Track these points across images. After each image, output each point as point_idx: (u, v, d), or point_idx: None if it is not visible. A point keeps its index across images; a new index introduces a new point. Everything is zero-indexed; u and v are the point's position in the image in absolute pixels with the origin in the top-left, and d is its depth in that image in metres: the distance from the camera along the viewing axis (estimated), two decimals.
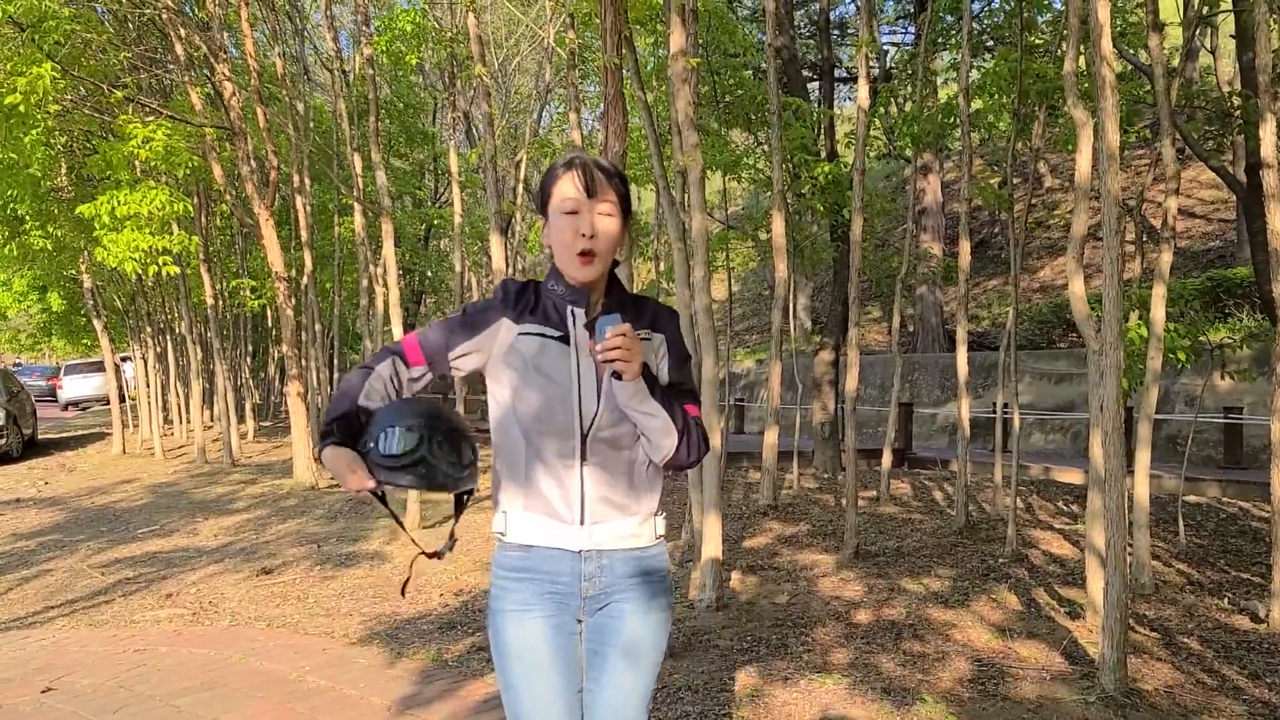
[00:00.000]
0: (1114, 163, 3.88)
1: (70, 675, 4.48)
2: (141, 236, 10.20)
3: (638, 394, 1.78)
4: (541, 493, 1.86)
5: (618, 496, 1.88)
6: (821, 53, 14.06)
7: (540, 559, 1.89)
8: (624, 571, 1.91)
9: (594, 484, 1.86)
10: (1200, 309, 13.38)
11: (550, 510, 1.87)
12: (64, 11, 10.39)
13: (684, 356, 1.97)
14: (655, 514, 1.96)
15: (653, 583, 1.93)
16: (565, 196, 1.83)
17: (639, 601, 1.91)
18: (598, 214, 1.83)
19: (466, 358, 1.90)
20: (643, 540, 1.92)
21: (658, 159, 5.87)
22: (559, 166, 1.87)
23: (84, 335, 22.82)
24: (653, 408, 1.81)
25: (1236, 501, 8.32)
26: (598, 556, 1.89)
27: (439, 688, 4.12)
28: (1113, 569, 3.82)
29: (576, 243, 1.81)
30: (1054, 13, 8.02)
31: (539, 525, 1.88)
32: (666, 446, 1.85)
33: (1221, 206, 18.25)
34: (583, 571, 1.89)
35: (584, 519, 1.86)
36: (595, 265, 1.84)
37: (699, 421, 1.91)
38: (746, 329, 24.49)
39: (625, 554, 1.91)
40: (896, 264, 11.44)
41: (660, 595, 1.95)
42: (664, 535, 1.98)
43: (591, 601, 1.91)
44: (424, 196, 24.54)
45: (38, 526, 9.12)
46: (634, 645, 1.90)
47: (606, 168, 1.87)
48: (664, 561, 1.97)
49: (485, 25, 17.06)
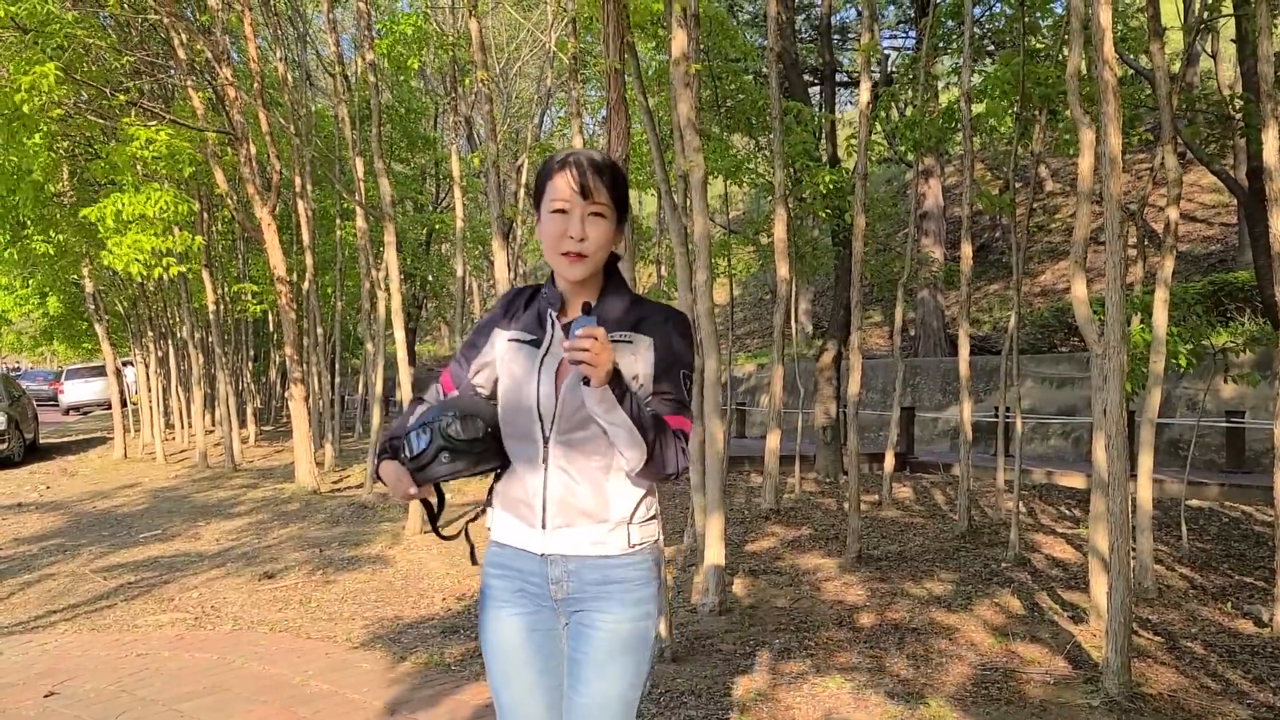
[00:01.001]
0: (1116, 167, 3.89)
1: (72, 680, 4.48)
2: (146, 238, 10.20)
3: (604, 400, 1.71)
4: (514, 493, 1.90)
5: (582, 502, 1.84)
6: (823, 57, 14.07)
7: (510, 556, 1.93)
8: (593, 579, 1.87)
9: (556, 488, 1.85)
10: (1202, 313, 13.38)
11: (517, 511, 1.90)
12: (67, 15, 10.42)
13: (674, 363, 1.86)
14: (630, 522, 1.88)
15: (626, 592, 1.88)
16: (557, 195, 1.82)
17: (611, 611, 1.87)
18: (589, 215, 1.81)
19: (480, 374, 1.96)
20: (610, 549, 1.86)
21: (659, 163, 5.87)
22: (554, 162, 1.85)
23: (85, 339, 22.83)
24: (618, 417, 1.73)
25: (1239, 505, 8.31)
26: (563, 561, 1.87)
27: (441, 691, 4.11)
28: (1116, 573, 3.81)
29: (563, 243, 1.81)
30: (1055, 17, 8.03)
31: (509, 525, 1.92)
32: (632, 459, 1.78)
33: (1223, 210, 18.25)
34: (549, 574, 1.89)
35: (545, 523, 1.86)
36: (583, 265, 1.83)
37: (681, 434, 1.83)
38: (748, 333, 24.50)
39: (593, 561, 1.87)
40: (898, 268, 11.44)
41: (635, 605, 1.88)
42: (642, 543, 1.90)
43: (564, 604, 1.90)
44: (425, 201, 24.57)
45: (39, 531, 9.12)
46: (605, 655, 1.86)
47: (601, 165, 1.83)
48: (641, 571, 1.90)
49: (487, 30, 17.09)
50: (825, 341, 11.30)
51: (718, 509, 5.12)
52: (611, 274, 1.92)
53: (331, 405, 15.20)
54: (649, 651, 1.92)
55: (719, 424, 5.11)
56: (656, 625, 1.95)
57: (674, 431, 1.81)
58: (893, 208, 16.11)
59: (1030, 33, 7.32)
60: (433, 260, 23.74)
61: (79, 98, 11.41)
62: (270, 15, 12.83)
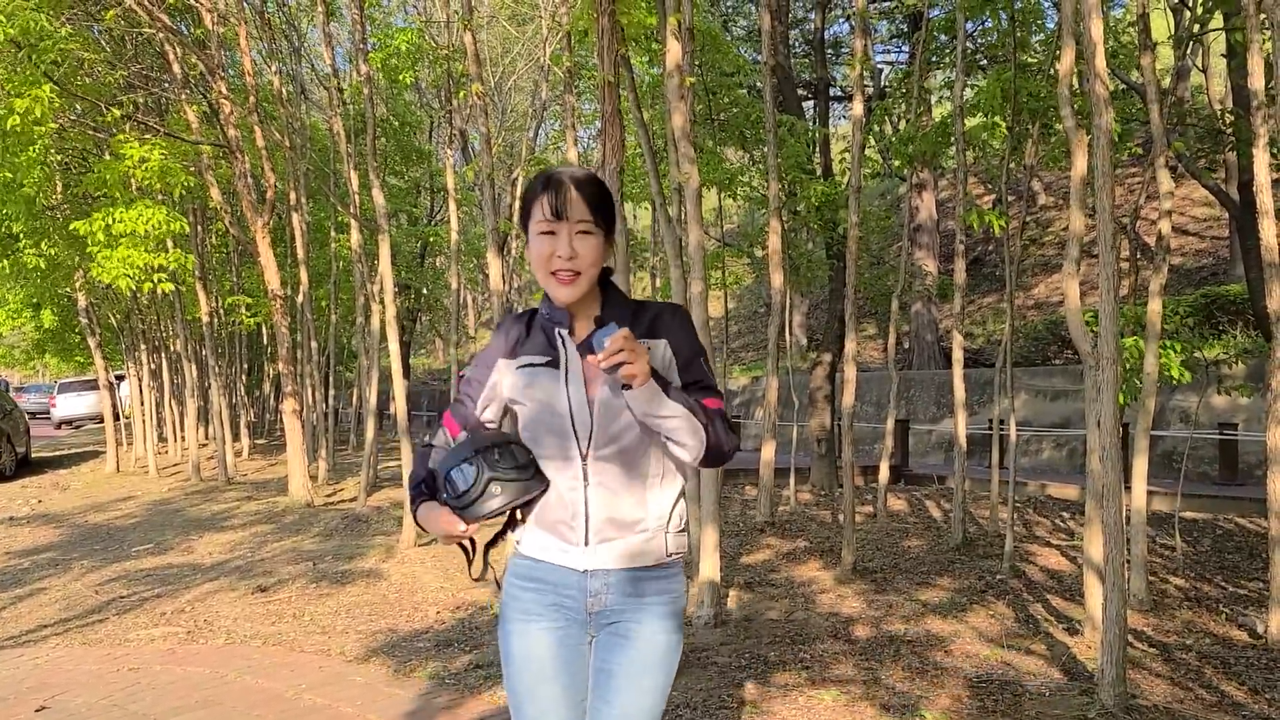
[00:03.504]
0: (1110, 180, 3.91)
1: (64, 694, 4.45)
2: (137, 254, 10.19)
3: (654, 398, 1.72)
4: (551, 515, 1.88)
5: (624, 514, 1.85)
6: (816, 71, 14.14)
7: (547, 571, 1.91)
8: (631, 591, 1.87)
9: (599, 505, 1.84)
10: (1194, 326, 13.44)
11: (557, 531, 1.88)
12: (61, 31, 10.43)
13: (694, 353, 1.89)
14: (667, 527, 1.89)
15: (662, 604, 1.89)
16: (540, 218, 1.81)
17: (647, 623, 1.87)
18: (576, 233, 1.80)
19: (489, 409, 1.96)
20: (650, 559, 1.87)
21: (654, 175, 5.90)
22: (536, 184, 1.84)
23: (78, 352, 22.75)
24: (671, 409, 1.74)
25: (1233, 517, 8.32)
26: (604, 575, 1.87)
27: (436, 705, 4.10)
28: (1111, 584, 3.82)
29: (552, 263, 1.80)
30: (1047, 32, 8.09)
31: (546, 544, 1.90)
32: (694, 445, 1.78)
33: (1214, 224, 18.35)
34: (588, 588, 1.88)
35: (589, 540, 1.85)
36: (577, 284, 1.82)
37: (722, 413, 1.85)
38: (742, 346, 24.52)
39: (632, 572, 1.87)
40: (892, 281, 11.47)
41: (670, 618, 1.90)
42: (677, 553, 1.91)
43: (599, 617, 1.89)
44: (420, 214, 24.59)
45: (31, 545, 9.07)
46: (640, 667, 1.86)
47: (582, 181, 1.82)
48: (676, 583, 1.92)
49: (481, 43, 17.15)
50: (819, 354, 11.32)
51: (713, 521, 5.12)
52: (607, 287, 1.92)
53: (326, 418, 15.16)
54: (676, 665, 1.92)
55: None
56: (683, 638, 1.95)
57: (715, 411, 1.83)
58: (886, 221, 16.16)
59: (1021, 47, 7.37)
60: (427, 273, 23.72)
61: (73, 111, 11.41)
62: (265, 29, 12.85)
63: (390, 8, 21.66)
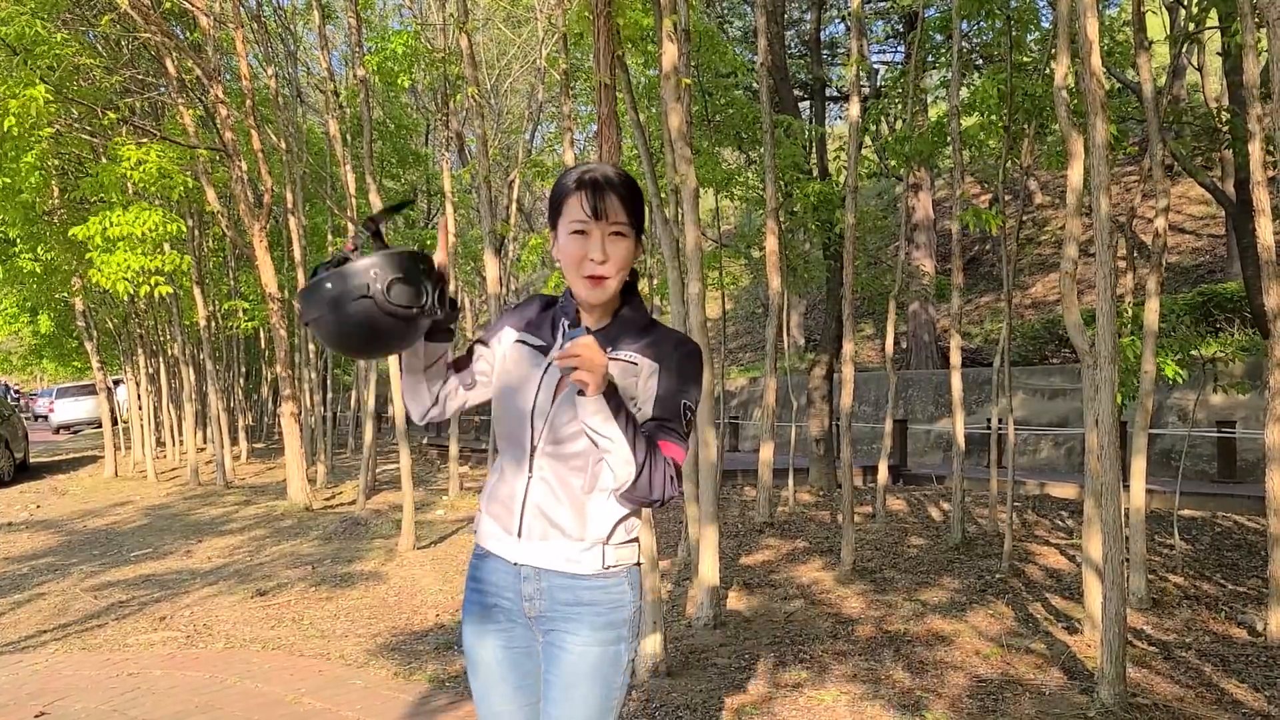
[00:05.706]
0: (1106, 179, 3.92)
1: (64, 699, 4.44)
2: (134, 257, 10.18)
3: (598, 413, 1.66)
4: (499, 496, 1.89)
5: (558, 517, 1.81)
6: (812, 71, 14.16)
7: (488, 569, 1.91)
8: (565, 599, 1.83)
9: (535, 499, 1.82)
10: (1191, 324, 13.46)
11: (499, 516, 1.88)
12: (56, 35, 10.42)
13: (679, 393, 1.81)
14: (607, 542, 1.83)
15: (597, 615, 1.83)
16: (574, 217, 1.77)
17: (580, 634, 1.83)
18: (609, 235, 1.77)
19: (482, 360, 1.95)
20: (583, 568, 1.82)
21: (650, 177, 5.90)
22: (570, 180, 1.80)
23: (75, 357, 22.71)
24: (612, 430, 1.67)
25: (1231, 515, 8.33)
26: (535, 577, 1.84)
27: (436, 708, 4.09)
28: (1110, 582, 3.82)
29: (584, 266, 1.77)
30: (1042, 31, 8.10)
31: (491, 530, 1.90)
32: (621, 475, 1.71)
33: (1211, 222, 18.38)
34: (522, 591, 1.86)
35: (521, 531, 1.84)
36: (605, 287, 1.79)
37: (672, 463, 1.75)
38: (740, 347, 24.52)
39: (564, 579, 1.83)
40: (889, 281, 11.48)
41: (605, 629, 1.83)
42: (617, 565, 1.84)
43: (537, 623, 1.88)
44: (416, 217, 24.57)
45: (30, 550, 9.06)
46: (572, 678, 1.82)
47: (616, 182, 1.78)
48: (614, 594, 1.85)
49: (477, 46, 17.15)
50: (817, 355, 11.32)
51: (712, 522, 5.12)
52: (629, 293, 1.88)
53: (324, 422, 15.16)
54: (621, 677, 1.87)
55: (713, 435, 5.11)
56: (632, 650, 1.89)
57: (666, 458, 1.74)
58: (883, 221, 16.17)
59: (1017, 46, 7.37)
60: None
61: (69, 116, 11.40)
62: (261, 33, 12.85)
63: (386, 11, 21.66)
